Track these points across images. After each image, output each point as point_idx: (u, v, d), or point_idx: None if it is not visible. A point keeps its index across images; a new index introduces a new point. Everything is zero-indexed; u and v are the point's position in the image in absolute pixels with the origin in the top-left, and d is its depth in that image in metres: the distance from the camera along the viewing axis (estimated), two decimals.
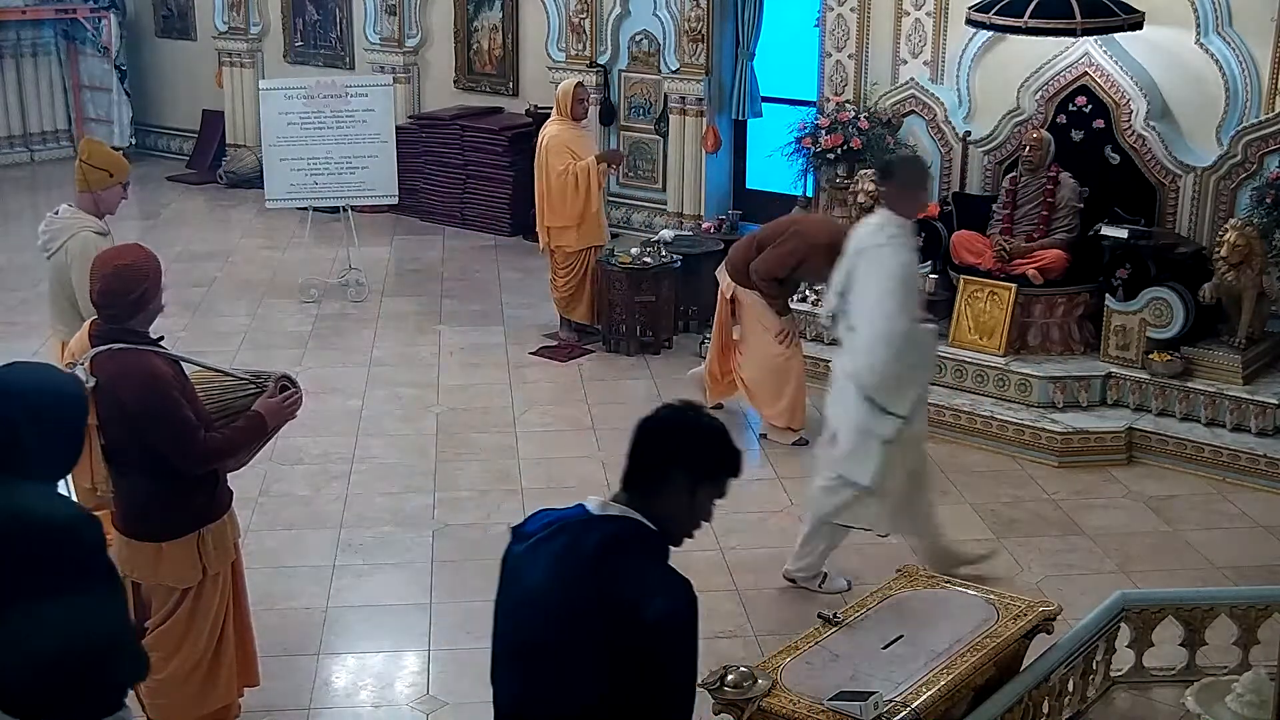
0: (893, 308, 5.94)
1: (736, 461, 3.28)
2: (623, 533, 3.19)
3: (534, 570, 3.24)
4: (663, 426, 3.28)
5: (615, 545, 3.18)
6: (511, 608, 3.32)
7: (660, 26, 11.68)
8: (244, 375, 4.95)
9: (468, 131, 12.42)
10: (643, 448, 3.26)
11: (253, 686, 5.26)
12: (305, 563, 6.72)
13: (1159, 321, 8.10)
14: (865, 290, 6.03)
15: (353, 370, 9.23)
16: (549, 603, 3.20)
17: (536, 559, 3.25)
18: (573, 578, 3.17)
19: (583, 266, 9.55)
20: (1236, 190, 8.30)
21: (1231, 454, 7.65)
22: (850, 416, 6.13)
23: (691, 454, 3.22)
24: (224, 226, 12.88)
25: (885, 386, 6.01)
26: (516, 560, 3.31)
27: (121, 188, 6.36)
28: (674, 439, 3.26)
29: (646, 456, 3.25)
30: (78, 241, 6.12)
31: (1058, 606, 5.18)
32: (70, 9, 14.70)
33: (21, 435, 3.42)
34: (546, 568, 3.22)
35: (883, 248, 6.02)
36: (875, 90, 9.54)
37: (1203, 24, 8.34)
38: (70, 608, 3.37)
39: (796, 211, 10.20)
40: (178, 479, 4.66)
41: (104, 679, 3.51)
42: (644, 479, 3.23)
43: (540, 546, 3.26)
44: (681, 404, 3.37)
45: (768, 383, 8.06)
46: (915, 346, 6.09)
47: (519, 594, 3.29)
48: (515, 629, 3.31)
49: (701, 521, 3.28)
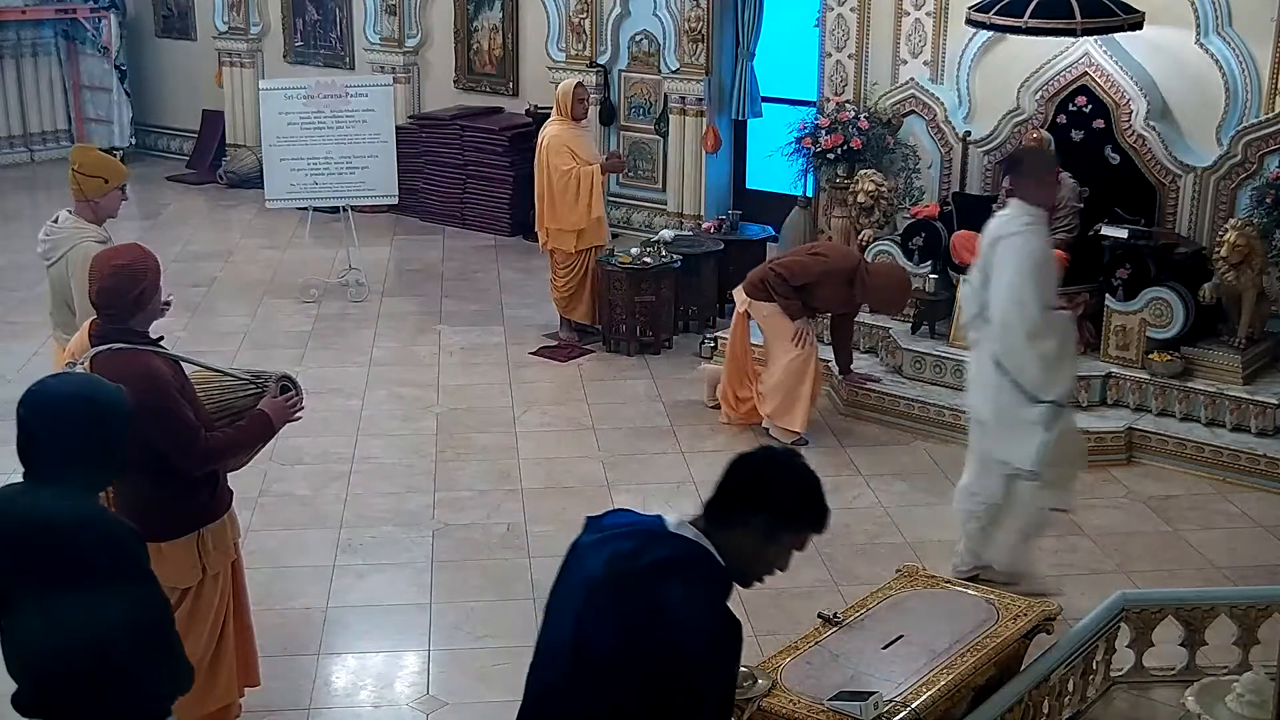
0: (1027, 294, 5.99)
1: (823, 518, 3.24)
2: (687, 556, 3.16)
3: (593, 564, 3.23)
4: (759, 468, 3.23)
5: (675, 566, 3.15)
6: (564, 594, 3.30)
7: (660, 26, 11.68)
8: (244, 375, 4.95)
9: (468, 131, 12.42)
10: (733, 483, 3.22)
11: (253, 686, 5.27)
12: (305, 563, 6.72)
13: (1159, 321, 8.10)
14: (1000, 277, 6.08)
15: (353, 370, 9.23)
16: (596, 600, 3.18)
17: (599, 554, 3.23)
18: (625, 585, 3.16)
19: (583, 266, 9.54)
20: (1236, 190, 8.30)
21: (1231, 454, 7.65)
22: (995, 403, 6.17)
23: (781, 502, 3.18)
24: (224, 226, 12.88)
25: (1030, 373, 6.06)
26: (582, 550, 3.30)
27: (120, 190, 6.23)
28: (767, 483, 3.20)
29: (735, 493, 3.20)
30: (79, 253, 5.94)
31: (1058, 606, 5.19)
32: (70, 9, 14.70)
33: (61, 441, 3.51)
34: (604, 565, 3.20)
35: (1016, 235, 6.07)
36: (875, 90, 9.54)
37: (1203, 24, 8.34)
38: (99, 613, 3.41)
39: (795, 210, 10.24)
40: (177, 479, 4.66)
41: (140, 687, 3.53)
42: (726, 513, 3.19)
43: (607, 544, 3.24)
44: (782, 448, 3.32)
45: (784, 386, 8.03)
46: (1052, 333, 6.13)
47: (572, 584, 3.28)
48: (558, 620, 3.29)
49: (776, 570, 3.23)
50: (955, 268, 8.67)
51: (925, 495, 7.48)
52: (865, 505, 7.28)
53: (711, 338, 9.47)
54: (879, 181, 9.07)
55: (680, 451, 8.01)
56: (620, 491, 7.44)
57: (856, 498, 7.37)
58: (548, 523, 7.10)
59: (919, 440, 8.17)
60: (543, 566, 6.66)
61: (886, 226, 9.14)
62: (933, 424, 8.21)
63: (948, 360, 8.39)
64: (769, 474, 3.22)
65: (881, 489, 7.48)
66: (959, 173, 9.18)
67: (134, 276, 4.60)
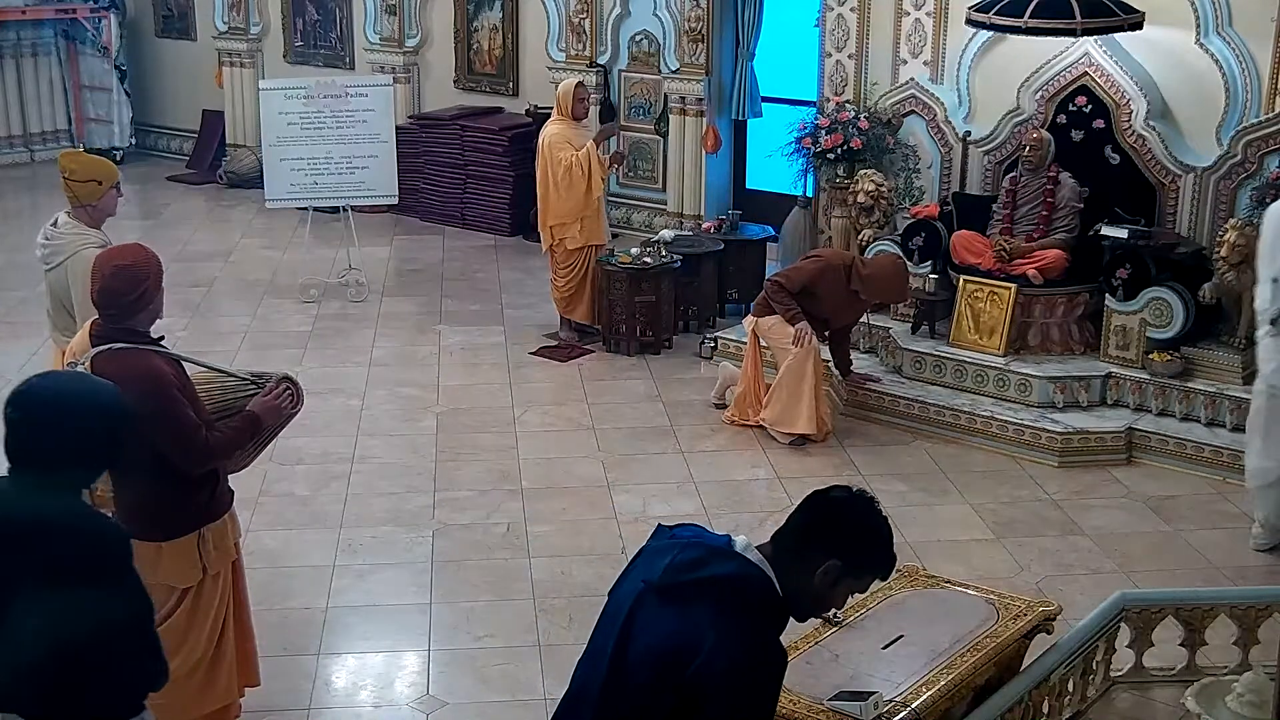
0: None
1: (890, 567, 3.29)
2: (747, 579, 3.17)
3: (653, 568, 3.24)
4: (834, 509, 3.26)
5: (732, 585, 3.16)
6: (620, 594, 3.33)
7: (660, 26, 11.69)
8: (245, 375, 4.95)
9: (468, 131, 12.42)
10: (806, 519, 3.24)
11: (254, 686, 5.27)
12: (305, 563, 6.72)
13: (1159, 321, 8.10)
14: None
15: (353, 370, 9.23)
16: (646, 602, 3.20)
17: (661, 559, 3.25)
18: (678, 592, 3.17)
19: (583, 266, 9.55)
20: (1236, 190, 8.29)
21: (1232, 454, 7.64)
22: None
23: (850, 546, 3.21)
24: (224, 226, 12.88)
25: None
26: (649, 554, 3.33)
27: (115, 190, 6.17)
28: (840, 526, 3.23)
29: (806, 531, 3.23)
30: (79, 261, 5.89)
31: (1058, 606, 5.18)
32: (70, 9, 14.71)
33: (48, 439, 3.50)
34: (663, 570, 3.21)
35: None
36: (875, 90, 9.53)
37: (1203, 24, 8.34)
38: (83, 611, 3.41)
39: (795, 210, 10.24)
40: (178, 478, 4.66)
41: (119, 684, 3.53)
42: (794, 548, 3.22)
43: (671, 551, 3.26)
44: (858, 492, 3.32)
45: (786, 386, 8.02)
46: None
47: (628, 586, 3.30)
48: (609, 619, 3.31)
49: (833, 609, 3.27)
50: (955, 268, 8.67)
51: (925, 495, 7.48)
52: None
53: (711, 338, 9.48)
54: (879, 181, 9.07)
55: (680, 451, 8.01)
56: (620, 491, 7.44)
57: None
58: (548, 523, 7.11)
59: (919, 440, 8.17)
60: (543, 566, 6.67)
61: (886, 226, 9.14)
62: (933, 424, 8.22)
63: (948, 360, 8.39)
64: (843, 517, 3.25)
65: (881, 489, 7.46)
66: (959, 173, 9.18)
67: (136, 277, 4.60)
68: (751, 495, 7.53)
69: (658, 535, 3.40)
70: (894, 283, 8.29)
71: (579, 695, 3.35)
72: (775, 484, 7.64)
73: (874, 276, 8.20)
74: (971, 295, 8.47)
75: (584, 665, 3.39)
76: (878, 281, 8.20)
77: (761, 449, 8.05)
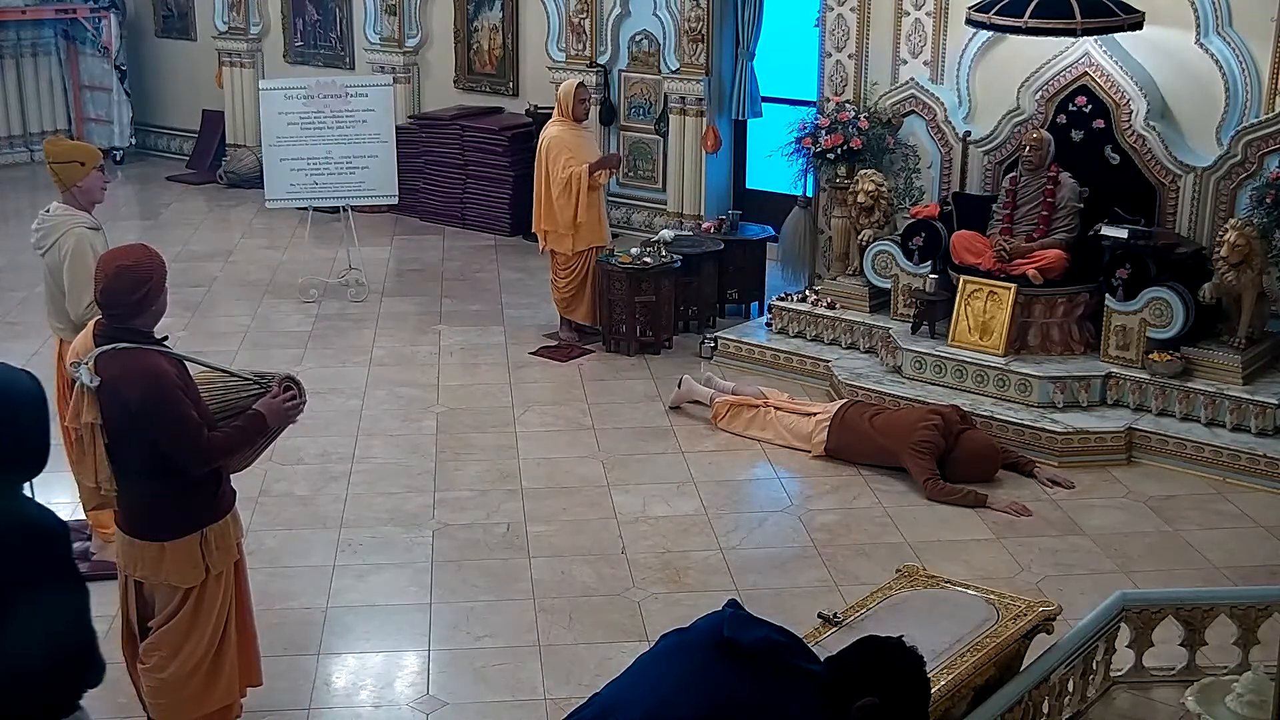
0: None
1: (924, 717, 3.45)
2: (824, 685, 3.31)
3: (741, 632, 3.32)
4: (886, 654, 3.41)
5: (809, 687, 3.29)
6: (686, 638, 3.40)
7: (660, 26, 11.69)
8: (248, 375, 4.95)
9: (468, 131, 12.42)
10: (859, 657, 3.39)
11: (255, 686, 5.27)
12: (305, 563, 6.72)
13: (1159, 321, 8.10)
14: None
15: (353, 370, 9.23)
16: (717, 658, 3.28)
17: (751, 630, 3.34)
18: (756, 666, 3.27)
19: (584, 267, 9.54)
20: (1236, 190, 8.30)
21: (1231, 454, 7.65)
22: None
23: (892, 691, 3.34)
24: (224, 226, 12.88)
25: None
26: (731, 618, 3.38)
27: (99, 172, 6.34)
28: (888, 670, 3.37)
29: (856, 667, 3.36)
30: (71, 238, 6.18)
31: (1058, 606, 5.18)
32: (70, 9, 14.71)
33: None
34: (754, 641, 3.30)
35: None
36: (875, 90, 9.53)
37: (1203, 24, 8.34)
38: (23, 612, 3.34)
39: (795, 210, 10.23)
40: (181, 478, 4.67)
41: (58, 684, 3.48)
42: (845, 683, 3.33)
43: (764, 627, 3.37)
44: (911, 647, 3.46)
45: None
46: None
47: (700, 636, 3.37)
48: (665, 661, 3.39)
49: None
50: (955, 268, 8.67)
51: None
52: (865, 505, 7.28)
53: (711, 338, 9.48)
54: (879, 181, 9.07)
55: (680, 451, 8.01)
56: (620, 491, 7.44)
57: (856, 498, 7.36)
58: (548, 523, 7.11)
59: None
60: (543, 566, 6.67)
61: (886, 226, 9.14)
62: None
63: (948, 360, 8.39)
64: (894, 663, 3.39)
65: (881, 489, 7.47)
66: (959, 173, 9.18)
67: (139, 277, 4.61)
68: (751, 495, 7.53)
69: (733, 606, 3.48)
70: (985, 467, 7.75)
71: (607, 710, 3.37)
72: (775, 484, 7.64)
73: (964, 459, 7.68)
74: (971, 295, 8.47)
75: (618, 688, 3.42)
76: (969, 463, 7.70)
77: (762, 449, 8.05)
